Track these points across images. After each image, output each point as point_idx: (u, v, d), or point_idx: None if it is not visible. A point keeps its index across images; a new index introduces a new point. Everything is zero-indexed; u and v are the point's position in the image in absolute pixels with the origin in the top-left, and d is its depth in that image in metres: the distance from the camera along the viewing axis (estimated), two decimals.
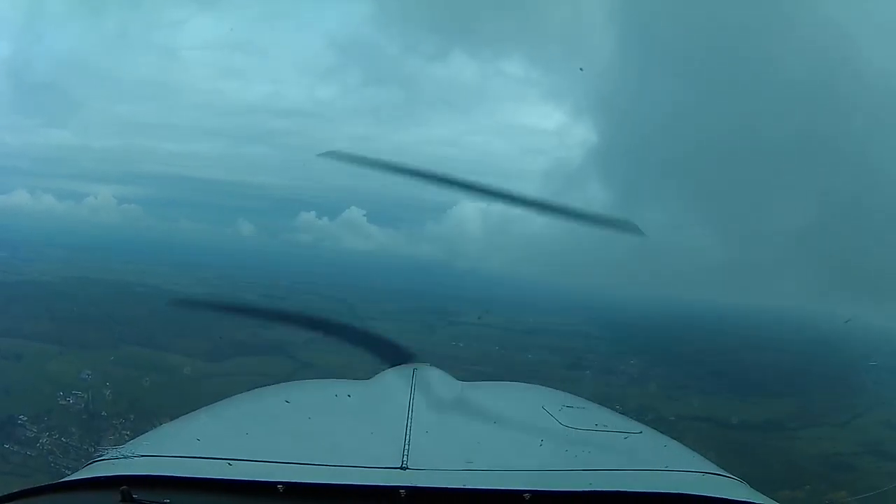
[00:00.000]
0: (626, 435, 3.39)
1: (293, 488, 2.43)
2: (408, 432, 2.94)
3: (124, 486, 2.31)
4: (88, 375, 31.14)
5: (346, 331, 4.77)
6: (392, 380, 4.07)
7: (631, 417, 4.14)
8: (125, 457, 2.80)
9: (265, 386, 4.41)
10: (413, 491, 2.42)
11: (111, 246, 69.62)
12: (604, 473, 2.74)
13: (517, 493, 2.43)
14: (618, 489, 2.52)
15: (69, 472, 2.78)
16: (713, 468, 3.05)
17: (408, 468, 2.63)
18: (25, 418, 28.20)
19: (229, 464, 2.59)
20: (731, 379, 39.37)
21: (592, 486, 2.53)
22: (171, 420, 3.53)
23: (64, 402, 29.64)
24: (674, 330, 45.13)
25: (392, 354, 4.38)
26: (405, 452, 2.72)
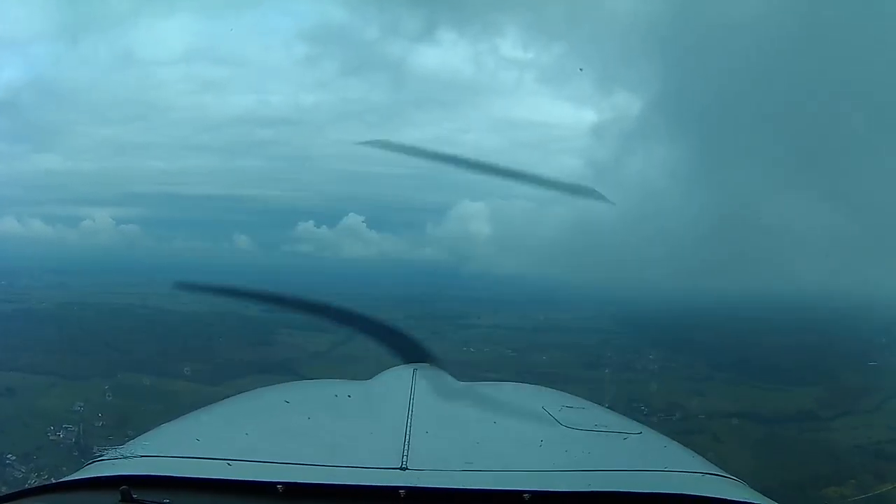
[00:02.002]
0: (625, 435, 3.39)
1: (293, 488, 2.43)
2: (408, 432, 2.94)
3: (124, 486, 2.32)
4: (81, 407, 29.93)
5: (367, 324, 4.74)
6: (392, 380, 4.06)
7: (659, 417, 5.03)
8: (125, 457, 2.78)
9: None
10: (413, 491, 2.42)
11: (110, 269, 68.86)
12: (603, 473, 2.74)
13: (517, 493, 2.41)
14: (618, 489, 2.50)
15: None
16: (713, 468, 3.01)
17: (408, 468, 2.63)
18: (14, 457, 26.95)
19: (229, 464, 2.60)
20: (754, 368, 38.17)
21: (592, 487, 2.52)
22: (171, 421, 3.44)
23: (54, 438, 28.38)
24: (689, 320, 43.76)
25: (410, 351, 4.33)
26: (405, 452, 2.72)
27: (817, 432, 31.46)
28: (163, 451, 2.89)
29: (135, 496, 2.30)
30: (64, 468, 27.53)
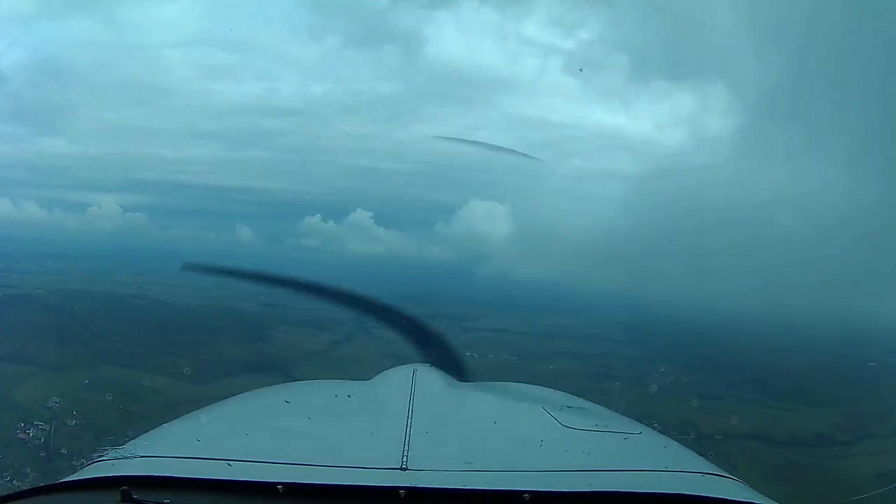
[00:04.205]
0: (625, 435, 3.37)
1: (293, 488, 2.43)
2: (408, 432, 2.93)
3: (124, 486, 2.34)
4: (56, 403, 28.61)
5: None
6: (392, 380, 4.06)
7: (672, 437, 4.06)
8: (125, 457, 2.79)
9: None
10: (413, 491, 2.42)
11: (113, 256, 68.11)
12: (603, 474, 2.72)
13: (517, 493, 2.41)
14: (618, 489, 2.49)
15: None
16: (713, 468, 3.01)
17: (408, 469, 2.63)
18: None
19: (229, 464, 2.61)
20: (770, 386, 36.71)
21: (592, 487, 2.51)
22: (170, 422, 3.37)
23: (23, 436, 27.01)
24: (701, 332, 42.24)
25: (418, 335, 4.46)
26: (405, 453, 2.72)
27: (836, 458, 30.05)
28: (163, 451, 2.89)
29: (135, 496, 2.31)
30: (28, 469, 26.48)
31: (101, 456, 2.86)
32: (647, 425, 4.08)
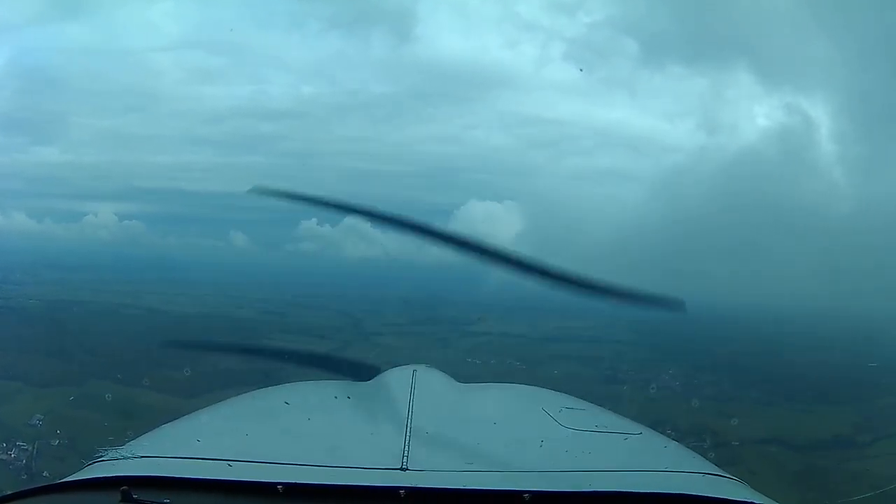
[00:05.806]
0: (625, 436, 3.38)
1: (293, 489, 2.44)
2: (408, 433, 2.95)
3: (124, 486, 2.34)
4: (40, 421, 27.61)
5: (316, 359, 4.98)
6: (392, 380, 4.03)
7: (688, 443, 4.07)
8: (125, 457, 2.80)
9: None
10: (413, 491, 2.43)
11: (110, 265, 67.73)
12: (604, 474, 2.74)
13: (517, 494, 2.42)
14: (618, 489, 2.49)
15: None
16: (713, 469, 3.00)
17: (408, 469, 2.63)
18: None
19: (229, 464, 2.61)
20: (781, 386, 35.66)
21: (592, 487, 2.52)
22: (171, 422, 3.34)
23: (5, 457, 25.92)
24: (709, 332, 41.19)
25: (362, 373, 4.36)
26: (405, 453, 2.74)
27: (857, 461, 28.91)
28: (163, 451, 2.90)
29: (135, 496, 2.30)
30: (9, 492, 25.37)
31: (101, 456, 2.82)
32: (661, 431, 4.05)
